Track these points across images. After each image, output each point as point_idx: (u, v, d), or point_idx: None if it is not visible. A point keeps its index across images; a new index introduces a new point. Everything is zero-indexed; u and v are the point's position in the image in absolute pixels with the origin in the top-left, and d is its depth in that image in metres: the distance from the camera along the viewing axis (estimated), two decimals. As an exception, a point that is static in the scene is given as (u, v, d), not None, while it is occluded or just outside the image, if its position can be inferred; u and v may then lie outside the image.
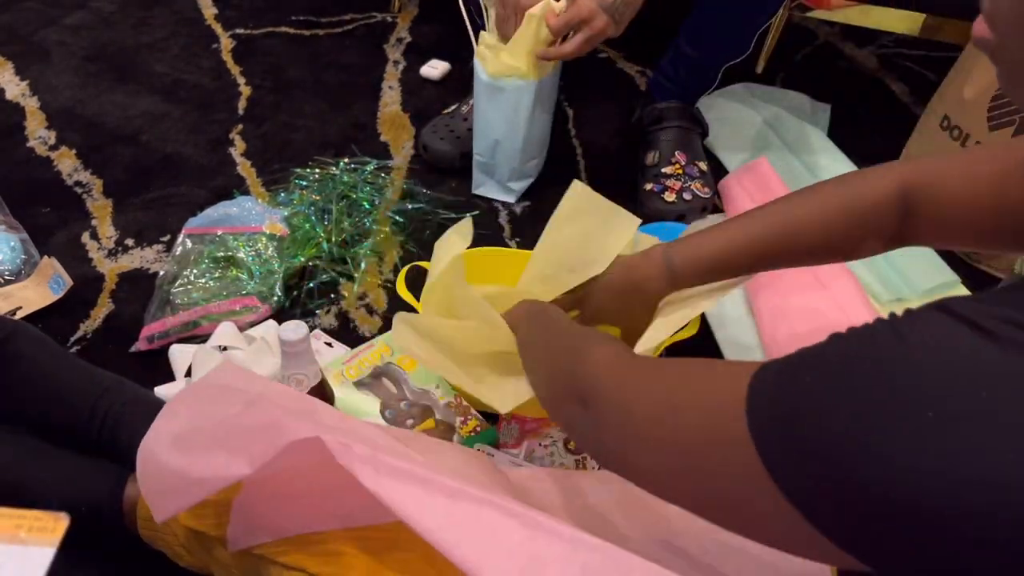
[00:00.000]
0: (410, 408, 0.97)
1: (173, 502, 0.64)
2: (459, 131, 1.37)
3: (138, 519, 0.78)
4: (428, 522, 0.51)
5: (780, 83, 1.61)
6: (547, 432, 0.95)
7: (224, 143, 1.43)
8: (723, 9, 1.22)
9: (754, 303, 1.12)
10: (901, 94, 1.61)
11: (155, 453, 0.65)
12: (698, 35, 1.27)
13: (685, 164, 1.30)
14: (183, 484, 0.62)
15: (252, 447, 0.58)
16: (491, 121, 1.23)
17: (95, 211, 1.28)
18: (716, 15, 1.23)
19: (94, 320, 1.10)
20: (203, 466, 0.60)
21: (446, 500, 0.53)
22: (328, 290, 1.16)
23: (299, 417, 0.61)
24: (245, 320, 1.08)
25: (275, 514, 0.67)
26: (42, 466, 0.80)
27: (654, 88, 1.36)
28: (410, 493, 0.53)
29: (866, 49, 1.74)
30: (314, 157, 1.39)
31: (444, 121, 1.40)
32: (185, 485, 0.61)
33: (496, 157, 1.27)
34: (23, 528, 0.34)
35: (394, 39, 1.72)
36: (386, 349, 1.04)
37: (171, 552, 0.77)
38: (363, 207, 1.27)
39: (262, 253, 1.14)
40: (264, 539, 0.67)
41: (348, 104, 1.53)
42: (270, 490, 0.66)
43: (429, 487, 0.53)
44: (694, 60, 1.29)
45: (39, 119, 1.46)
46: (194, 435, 0.64)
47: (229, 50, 1.66)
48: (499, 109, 1.20)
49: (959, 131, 1.20)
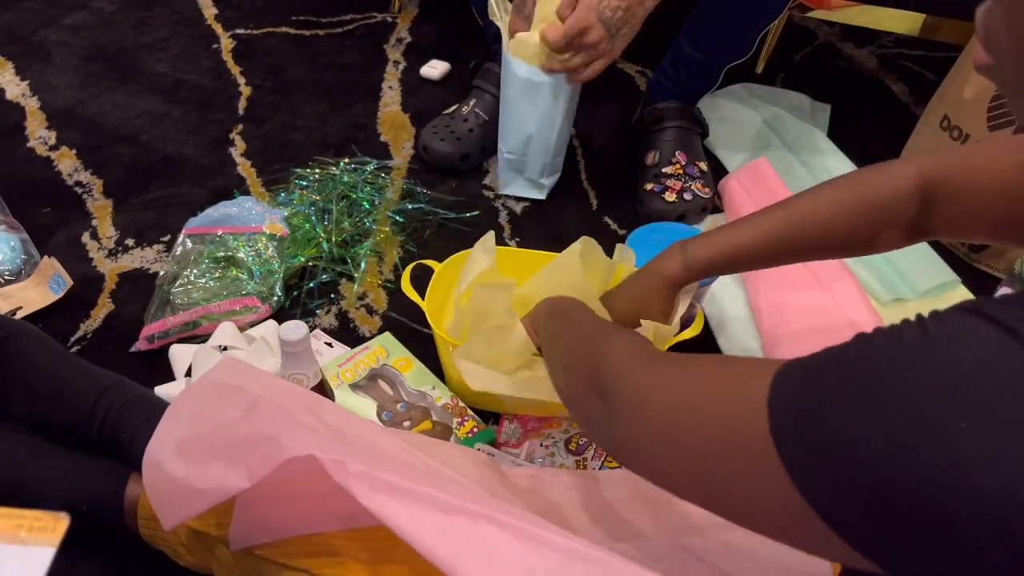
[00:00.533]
0: (407, 410, 0.97)
1: (179, 511, 0.64)
2: (459, 132, 1.37)
3: (139, 518, 0.78)
4: (424, 539, 0.52)
5: (780, 83, 1.61)
6: (548, 432, 0.95)
7: (224, 143, 1.43)
8: (726, 10, 1.21)
9: (755, 303, 1.12)
10: (901, 94, 1.61)
11: (159, 462, 0.65)
12: (700, 35, 1.27)
13: (685, 164, 1.30)
14: (187, 495, 0.62)
15: (250, 458, 0.58)
16: (524, 116, 1.22)
17: (95, 211, 1.28)
18: (719, 16, 1.23)
19: (94, 320, 1.10)
20: (204, 477, 0.61)
21: (442, 516, 0.53)
22: (328, 290, 1.16)
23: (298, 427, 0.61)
24: (245, 320, 1.08)
25: (277, 515, 0.67)
26: (43, 465, 0.80)
27: (654, 88, 1.36)
28: (405, 510, 0.53)
29: (866, 49, 1.74)
30: (314, 157, 1.39)
31: (444, 122, 1.40)
32: (189, 496, 0.62)
33: (528, 153, 1.26)
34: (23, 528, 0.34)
35: (394, 39, 1.72)
36: (382, 351, 1.04)
37: (172, 551, 0.77)
38: (363, 207, 1.27)
39: (262, 253, 1.14)
40: (265, 539, 0.67)
41: (348, 104, 1.53)
42: (272, 491, 0.66)
43: (425, 503, 0.53)
44: (696, 60, 1.29)
45: (39, 119, 1.46)
46: (196, 442, 0.64)
47: (229, 50, 1.66)
48: (535, 102, 1.19)
49: (959, 131, 1.20)
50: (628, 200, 1.34)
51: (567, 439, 0.94)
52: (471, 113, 1.38)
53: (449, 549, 0.51)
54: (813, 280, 1.11)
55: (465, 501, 0.53)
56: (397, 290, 1.15)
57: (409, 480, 0.54)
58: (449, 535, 0.52)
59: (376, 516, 0.53)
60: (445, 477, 0.65)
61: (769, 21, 1.25)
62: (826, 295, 1.10)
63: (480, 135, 1.37)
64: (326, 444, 0.57)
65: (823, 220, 0.76)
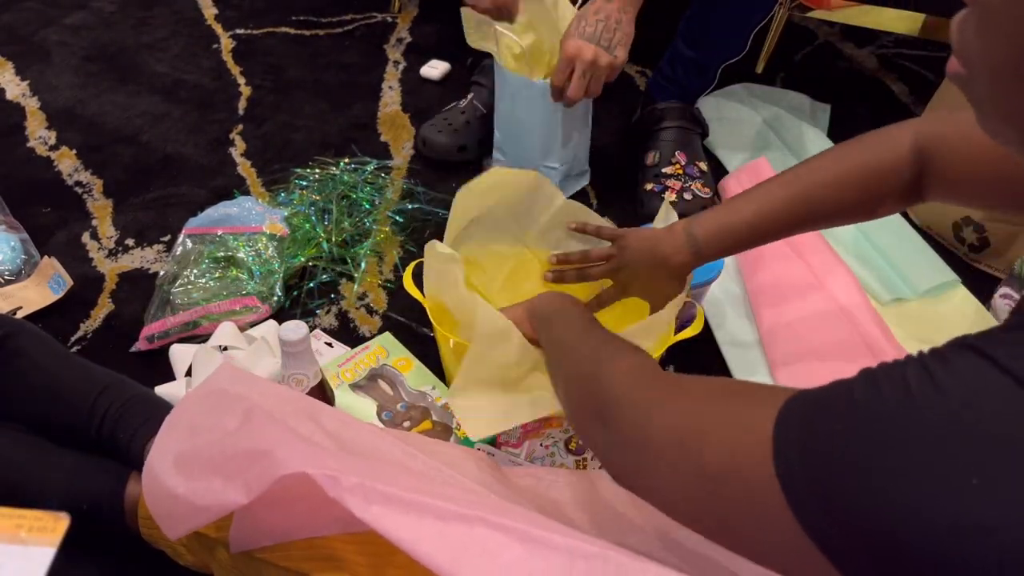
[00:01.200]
0: (407, 410, 0.97)
1: (181, 525, 0.65)
2: (456, 124, 1.38)
3: (139, 517, 0.78)
4: (421, 547, 0.51)
5: (780, 83, 1.61)
6: (548, 432, 0.95)
7: (224, 143, 1.43)
8: (717, 9, 1.22)
9: (752, 301, 1.12)
10: (901, 94, 1.61)
11: (158, 476, 0.65)
12: (694, 35, 1.28)
13: (685, 164, 1.30)
14: (187, 510, 0.63)
15: (247, 474, 0.59)
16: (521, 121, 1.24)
17: (95, 211, 1.28)
18: (711, 15, 1.24)
19: (94, 320, 1.10)
20: (203, 494, 0.61)
21: (438, 523, 0.53)
22: (328, 290, 1.16)
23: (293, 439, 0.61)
24: (245, 320, 1.08)
25: (277, 518, 0.67)
26: (43, 464, 0.80)
27: (653, 88, 1.37)
28: (401, 520, 0.53)
29: (866, 49, 1.74)
30: (314, 157, 1.39)
31: (443, 116, 1.41)
32: (189, 511, 0.62)
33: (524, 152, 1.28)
34: (24, 528, 0.34)
35: (394, 39, 1.72)
36: (382, 351, 1.04)
37: (171, 551, 0.77)
38: (363, 207, 1.27)
39: (262, 253, 1.14)
40: (266, 543, 0.67)
41: (348, 104, 1.53)
42: (270, 498, 0.66)
43: (420, 511, 0.53)
44: (692, 60, 1.29)
45: (39, 119, 1.46)
46: (194, 456, 0.65)
47: (229, 50, 1.66)
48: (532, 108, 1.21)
49: (959, 131, 1.20)
50: (628, 200, 1.34)
51: (567, 439, 0.93)
52: (469, 106, 1.39)
53: (447, 556, 0.51)
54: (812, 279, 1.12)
55: (461, 506, 0.53)
56: (397, 290, 1.16)
57: (405, 488, 0.54)
58: (446, 541, 0.52)
59: (372, 527, 0.53)
60: (444, 479, 0.65)
61: (761, 19, 1.25)
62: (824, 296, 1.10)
63: (477, 127, 1.38)
64: (320, 457, 0.57)
65: (828, 193, 0.77)
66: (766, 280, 1.13)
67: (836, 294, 1.10)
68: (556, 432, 0.95)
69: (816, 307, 1.09)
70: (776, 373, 1.03)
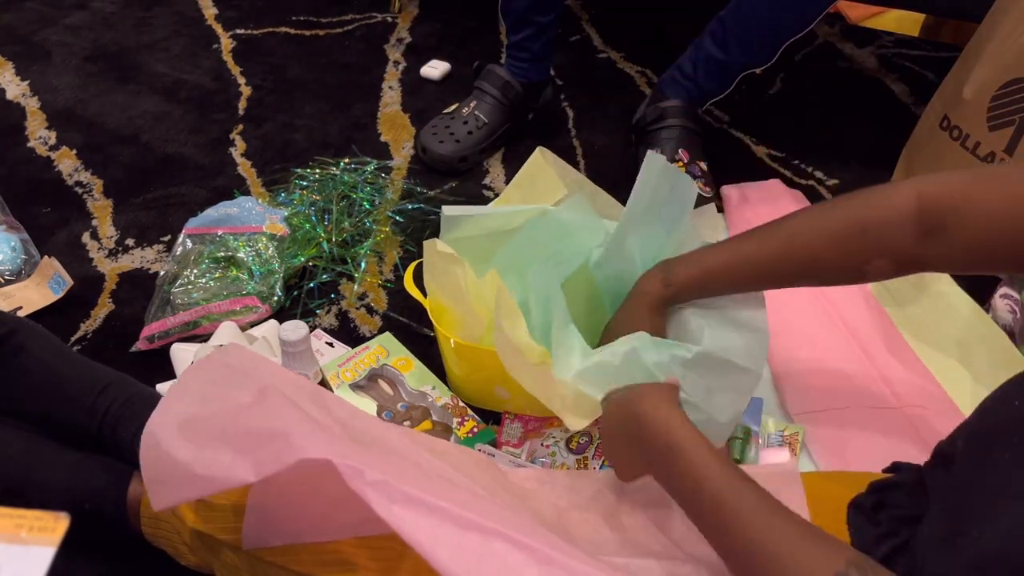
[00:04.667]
0: (407, 410, 0.97)
1: (174, 494, 0.62)
2: (459, 134, 1.37)
3: (141, 517, 0.78)
4: (439, 553, 0.51)
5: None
6: (549, 432, 0.95)
7: (224, 143, 1.43)
8: (758, 15, 1.20)
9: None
10: (901, 94, 1.61)
11: (159, 439, 0.62)
12: (726, 37, 1.25)
13: (687, 163, 1.29)
14: (186, 478, 0.59)
15: (259, 452, 0.57)
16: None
17: (95, 211, 1.28)
18: (750, 20, 1.21)
19: (94, 320, 1.10)
20: (208, 463, 0.58)
21: (458, 531, 0.52)
22: (328, 290, 1.16)
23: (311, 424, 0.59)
24: (245, 320, 1.08)
25: (289, 518, 0.67)
26: (45, 463, 0.80)
27: (666, 84, 1.34)
28: (422, 523, 0.52)
29: (866, 49, 1.74)
30: (314, 157, 1.39)
31: (444, 122, 1.40)
32: (188, 479, 0.59)
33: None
34: (24, 528, 0.34)
35: (394, 39, 1.72)
36: (382, 351, 1.04)
37: (173, 550, 0.77)
38: (363, 207, 1.27)
39: (262, 253, 1.14)
40: (276, 542, 0.66)
41: (348, 104, 1.53)
42: (284, 491, 0.65)
43: (441, 517, 0.53)
44: (717, 61, 1.27)
45: (39, 119, 1.46)
46: (203, 424, 0.62)
47: (229, 50, 1.66)
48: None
49: (959, 131, 1.20)
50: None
51: (568, 438, 0.93)
52: (471, 115, 1.38)
53: (463, 566, 0.51)
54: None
55: (481, 516, 0.53)
56: (397, 290, 1.16)
57: (424, 489, 0.54)
58: (464, 552, 0.51)
59: (391, 527, 0.52)
60: (456, 482, 0.64)
61: (800, 32, 1.21)
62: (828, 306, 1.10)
63: (479, 138, 1.37)
64: (340, 446, 0.56)
65: (807, 243, 0.71)
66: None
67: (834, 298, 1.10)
68: (557, 431, 0.95)
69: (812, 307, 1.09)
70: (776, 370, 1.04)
